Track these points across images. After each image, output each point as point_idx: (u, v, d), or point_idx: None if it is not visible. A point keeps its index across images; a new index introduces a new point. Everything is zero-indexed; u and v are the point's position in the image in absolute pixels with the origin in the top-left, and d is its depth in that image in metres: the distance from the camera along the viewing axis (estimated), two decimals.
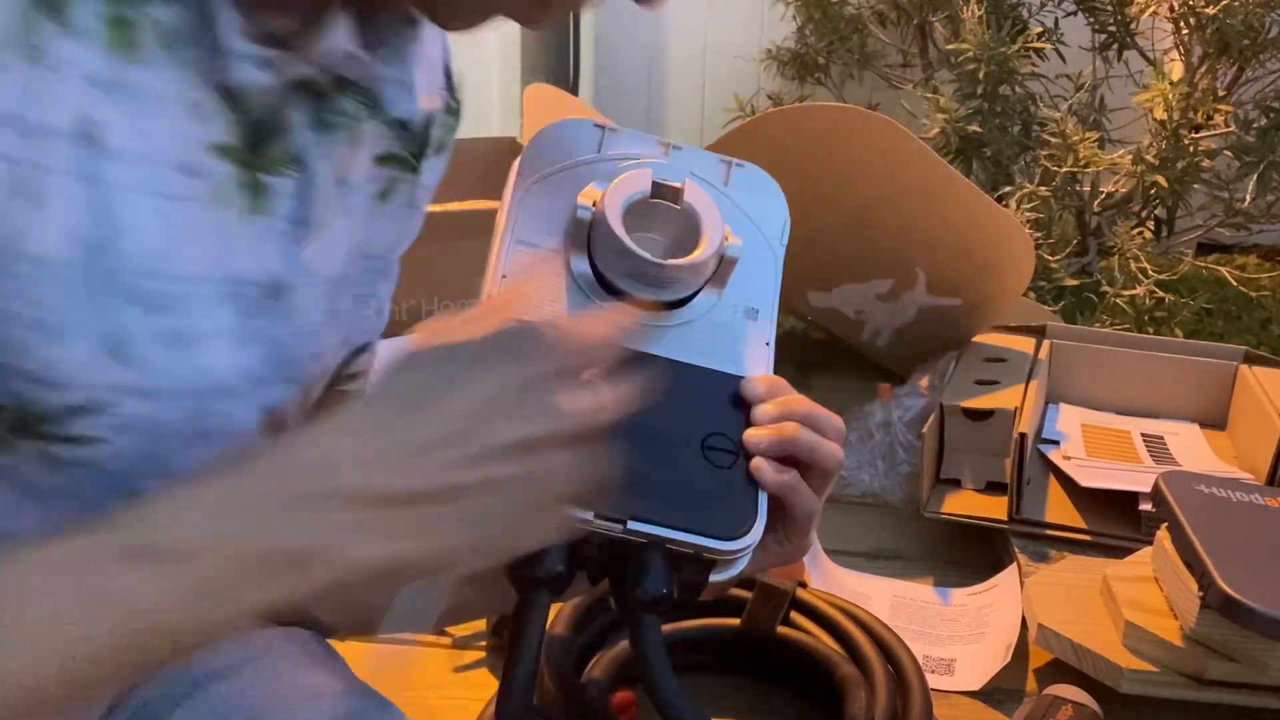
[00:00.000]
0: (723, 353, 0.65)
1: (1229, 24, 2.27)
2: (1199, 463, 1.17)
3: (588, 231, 0.64)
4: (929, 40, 2.85)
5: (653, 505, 0.58)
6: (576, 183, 0.66)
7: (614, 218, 0.63)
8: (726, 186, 0.69)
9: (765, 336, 0.66)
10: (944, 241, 1.30)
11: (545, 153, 0.68)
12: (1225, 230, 2.55)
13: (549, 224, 0.66)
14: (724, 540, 0.59)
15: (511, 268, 0.65)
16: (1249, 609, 0.76)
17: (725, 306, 0.66)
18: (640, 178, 0.65)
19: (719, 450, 0.61)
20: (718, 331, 0.65)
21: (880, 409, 1.23)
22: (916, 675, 0.80)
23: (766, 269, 0.68)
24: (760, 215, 0.69)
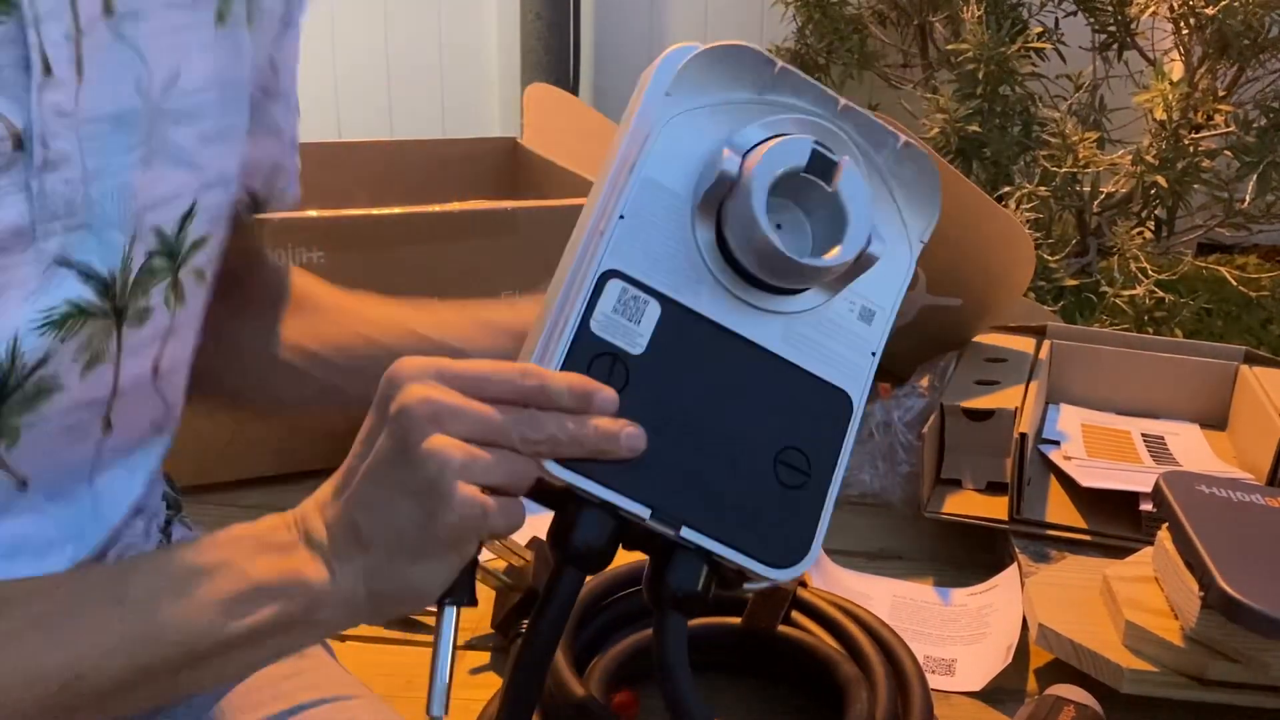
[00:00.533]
0: (825, 355, 0.60)
1: (1229, 24, 2.27)
2: (1199, 463, 1.17)
3: (725, 191, 0.57)
4: (929, 40, 2.85)
5: (709, 515, 0.56)
6: (728, 124, 0.59)
7: (759, 194, 0.56)
8: (885, 169, 0.62)
9: (873, 345, 0.61)
10: (944, 241, 1.29)
11: (700, 79, 0.59)
12: (1225, 230, 2.56)
13: (687, 166, 0.58)
14: (774, 568, 0.56)
15: (634, 209, 0.57)
16: (1250, 609, 0.76)
17: (841, 302, 0.60)
18: (797, 146, 0.57)
19: (791, 468, 0.57)
20: (826, 330, 0.60)
21: (880, 409, 1.23)
22: (917, 675, 0.80)
23: (897, 269, 0.62)
24: (911, 208, 0.63)
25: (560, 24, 3.15)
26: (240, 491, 1.13)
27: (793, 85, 0.60)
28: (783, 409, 0.58)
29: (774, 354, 0.58)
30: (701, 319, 0.57)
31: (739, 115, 0.59)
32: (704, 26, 3.26)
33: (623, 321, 0.56)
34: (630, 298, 0.56)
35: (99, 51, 0.53)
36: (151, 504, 0.70)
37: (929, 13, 2.74)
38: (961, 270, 1.32)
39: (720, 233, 0.58)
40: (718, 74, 0.59)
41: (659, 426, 0.55)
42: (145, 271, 0.58)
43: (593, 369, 0.55)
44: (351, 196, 1.40)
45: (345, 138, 3.00)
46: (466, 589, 0.55)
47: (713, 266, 0.58)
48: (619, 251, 0.56)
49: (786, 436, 0.58)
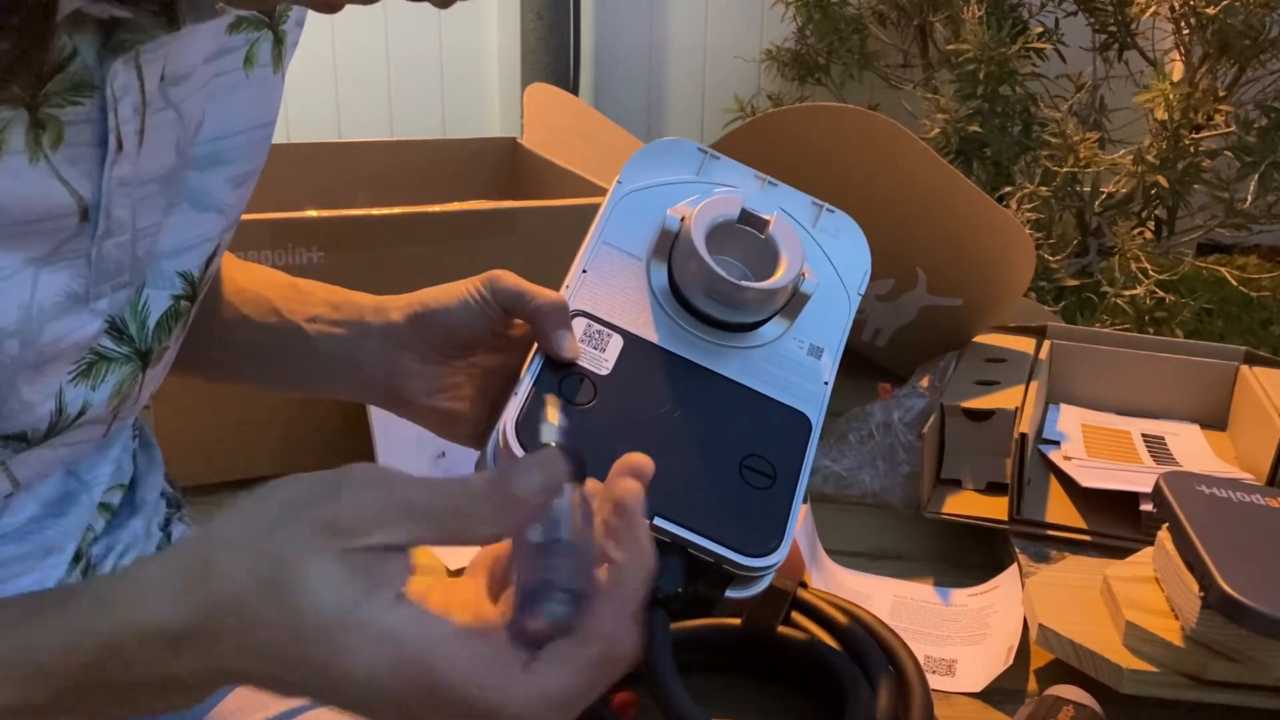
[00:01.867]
0: (781, 383, 0.66)
1: (1229, 24, 2.27)
2: (1199, 463, 1.17)
3: (671, 243, 0.67)
4: (929, 40, 2.85)
5: (682, 507, 0.59)
6: (670, 199, 0.69)
7: (698, 234, 0.66)
8: (814, 229, 0.72)
9: (825, 376, 0.68)
10: (944, 241, 1.30)
11: (649, 165, 0.72)
12: (1225, 230, 2.56)
13: (638, 232, 0.69)
14: (746, 555, 0.59)
15: (594, 265, 0.68)
16: (1250, 609, 0.76)
17: (791, 340, 0.68)
18: (731, 203, 0.68)
19: (757, 471, 0.62)
20: (780, 362, 0.67)
21: (880, 409, 1.23)
22: (917, 675, 0.80)
23: (839, 313, 0.70)
24: (842, 261, 0.72)
25: (560, 24, 3.15)
26: (240, 492, 1.13)
27: (725, 168, 0.72)
28: (745, 423, 0.64)
29: (733, 380, 0.65)
30: (661, 349, 0.65)
31: (680, 192, 0.70)
32: (704, 27, 3.26)
33: (589, 349, 0.64)
34: (595, 330, 0.65)
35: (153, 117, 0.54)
36: (151, 500, 0.70)
37: (929, 13, 2.74)
38: (961, 270, 1.32)
39: (673, 282, 0.67)
40: (660, 161, 0.72)
41: (628, 434, 0.61)
42: (171, 315, 0.60)
43: (564, 385, 0.62)
44: (351, 196, 1.40)
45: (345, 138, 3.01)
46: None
47: (671, 312, 0.67)
48: (584, 297, 0.66)
49: (750, 445, 0.63)
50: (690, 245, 0.65)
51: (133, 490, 0.69)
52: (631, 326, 0.66)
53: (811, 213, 0.73)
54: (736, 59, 3.14)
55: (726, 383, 0.65)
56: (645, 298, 0.67)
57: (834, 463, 1.18)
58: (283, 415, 1.15)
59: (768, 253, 0.67)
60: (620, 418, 0.62)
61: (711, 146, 0.74)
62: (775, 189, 0.72)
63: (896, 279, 1.34)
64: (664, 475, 0.58)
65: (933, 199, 1.25)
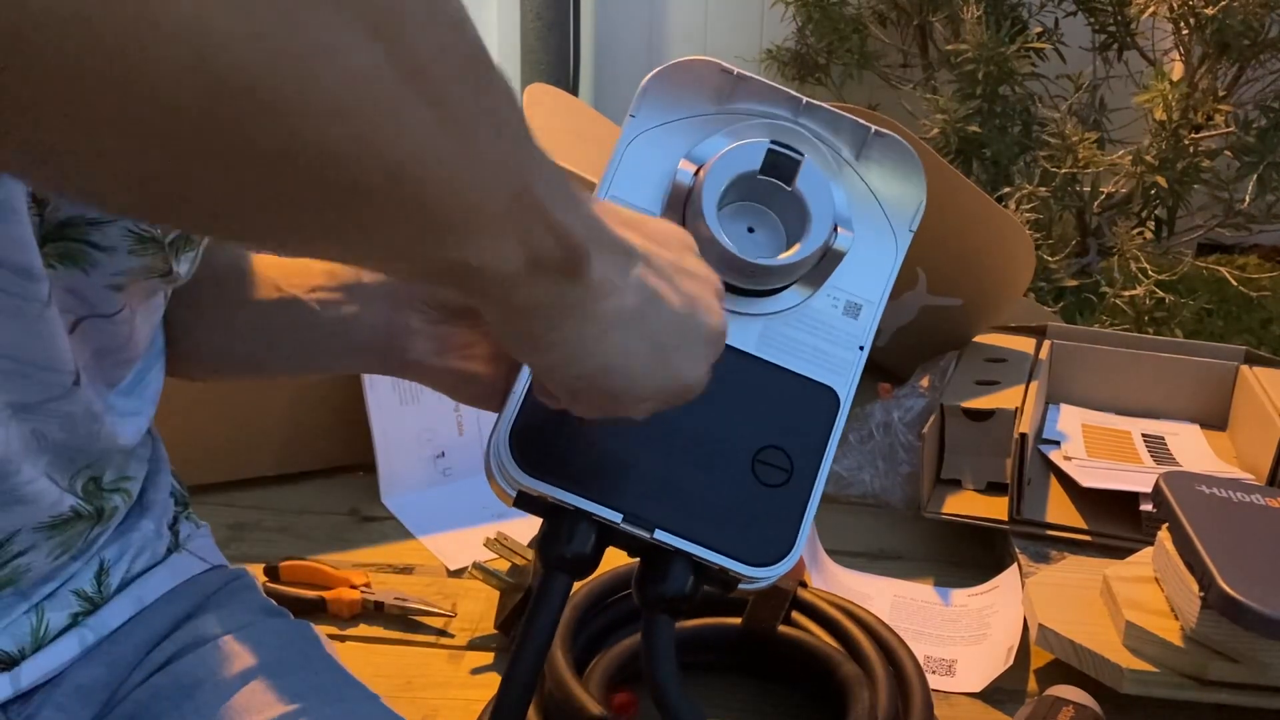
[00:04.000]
0: (808, 353, 0.60)
1: (1229, 24, 2.27)
2: (1199, 463, 1.17)
3: (685, 200, 0.59)
4: (929, 40, 2.85)
5: (683, 517, 0.56)
6: (690, 137, 0.60)
7: (710, 199, 0.58)
8: (858, 160, 0.61)
9: (860, 339, 0.60)
10: (944, 241, 1.30)
11: (663, 98, 0.60)
12: (1225, 230, 2.56)
13: (651, 182, 0.60)
14: (753, 567, 0.56)
15: None
16: (1250, 609, 0.76)
17: (824, 297, 0.60)
18: (752, 150, 0.58)
19: (772, 466, 0.58)
20: (808, 327, 0.60)
21: (880, 409, 1.23)
22: (917, 675, 0.80)
23: (883, 259, 0.62)
24: (891, 197, 0.62)
25: (560, 24, 3.15)
26: (240, 492, 1.14)
27: (753, 91, 0.61)
28: (762, 409, 0.58)
29: (752, 355, 0.59)
30: None
31: (701, 128, 0.60)
32: (704, 27, 3.26)
33: None
34: None
35: None
36: (160, 499, 0.70)
37: (929, 13, 2.74)
38: (961, 270, 1.32)
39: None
40: (677, 91, 0.60)
41: (633, 434, 0.56)
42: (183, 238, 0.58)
43: None
44: None
45: None
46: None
47: None
48: None
49: (766, 436, 0.58)
50: (700, 215, 0.57)
51: (144, 491, 0.69)
52: None
53: (855, 140, 0.61)
54: (736, 59, 3.14)
55: (745, 360, 0.58)
56: None
57: (834, 463, 1.18)
58: (283, 415, 1.15)
59: (795, 206, 0.59)
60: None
61: None
62: (813, 113, 0.61)
63: (897, 279, 1.34)
64: (667, 481, 0.56)
65: (933, 199, 1.25)
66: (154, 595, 0.68)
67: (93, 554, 0.64)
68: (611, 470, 0.56)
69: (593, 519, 0.56)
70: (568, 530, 0.56)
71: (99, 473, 0.62)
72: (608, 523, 0.56)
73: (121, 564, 0.66)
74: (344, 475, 1.16)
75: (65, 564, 0.62)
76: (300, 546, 1.04)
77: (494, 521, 1.06)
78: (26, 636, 0.60)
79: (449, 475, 1.15)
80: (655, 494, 0.56)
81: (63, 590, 0.62)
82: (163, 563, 0.69)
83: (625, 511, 0.55)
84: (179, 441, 1.12)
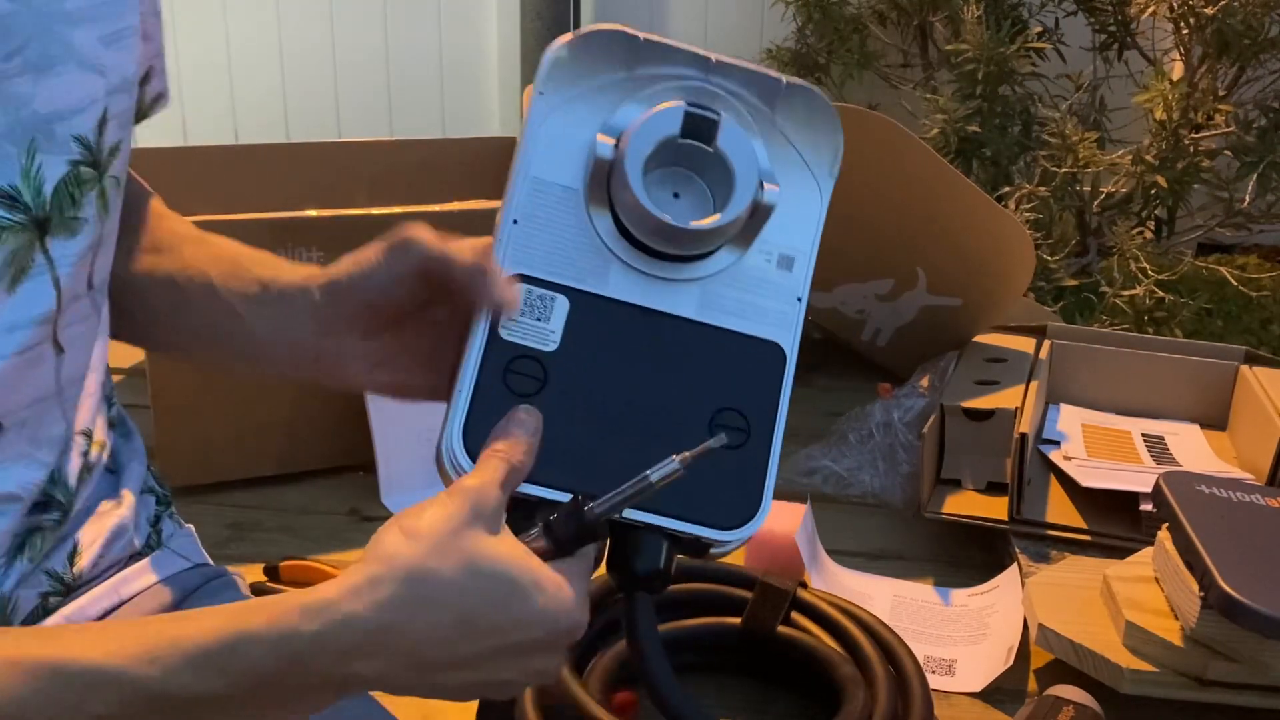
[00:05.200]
0: (747, 310, 0.60)
1: (1229, 24, 2.27)
2: (1199, 463, 1.17)
3: (608, 174, 0.59)
4: (929, 40, 2.85)
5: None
6: (603, 107, 0.59)
7: (634, 168, 0.57)
8: (775, 113, 0.61)
9: (797, 290, 0.61)
10: (944, 241, 1.30)
11: (569, 70, 0.59)
12: (1225, 230, 2.56)
13: (570, 158, 0.59)
14: (723, 530, 0.56)
15: (525, 210, 0.59)
16: (1250, 609, 0.76)
17: (756, 255, 0.60)
18: (670, 115, 0.58)
19: (729, 428, 0.57)
20: (745, 285, 0.60)
21: (880, 409, 1.23)
22: (917, 675, 0.80)
23: (809, 209, 0.62)
24: (809, 145, 0.62)
25: (560, 25, 3.15)
26: (240, 492, 1.14)
27: (662, 54, 0.60)
28: (711, 373, 0.59)
29: (694, 321, 0.59)
30: (612, 302, 0.58)
31: (614, 96, 0.60)
32: (704, 27, 3.26)
33: (531, 323, 0.57)
34: (535, 298, 0.58)
35: None
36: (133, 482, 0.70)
37: (929, 13, 2.74)
38: (961, 270, 1.32)
39: (616, 215, 0.59)
40: (585, 61, 0.60)
41: (585, 415, 0.56)
42: (73, 182, 0.58)
43: (509, 375, 0.57)
44: (351, 196, 1.40)
45: (345, 137, 3.00)
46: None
47: (616, 250, 0.59)
48: (517, 256, 0.58)
49: (719, 399, 0.58)
50: (626, 186, 0.57)
51: (115, 473, 0.70)
52: (576, 280, 0.58)
53: (768, 93, 0.61)
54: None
55: (687, 326, 0.59)
56: (587, 240, 0.59)
57: (834, 463, 1.18)
58: (283, 416, 1.15)
59: (718, 166, 0.59)
60: (574, 398, 0.57)
61: None
62: (723, 71, 0.60)
63: (896, 279, 1.34)
64: (627, 458, 0.55)
65: (933, 199, 1.25)
66: (133, 590, 0.68)
67: (65, 533, 0.64)
68: (569, 455, 0.56)
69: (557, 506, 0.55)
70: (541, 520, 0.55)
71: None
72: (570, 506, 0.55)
73: (95, 548, 0.65)
74: (344, 475, 1.16)
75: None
76: (300, 546, 1.04)
77: None
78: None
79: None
80: (616, 473, 0.55)
81: (36, 571, 0.62)
82: (143, 559, 0.70)
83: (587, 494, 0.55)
84: (180, 441, 1.12)
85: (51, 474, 0.61)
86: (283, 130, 3.29)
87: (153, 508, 0.73)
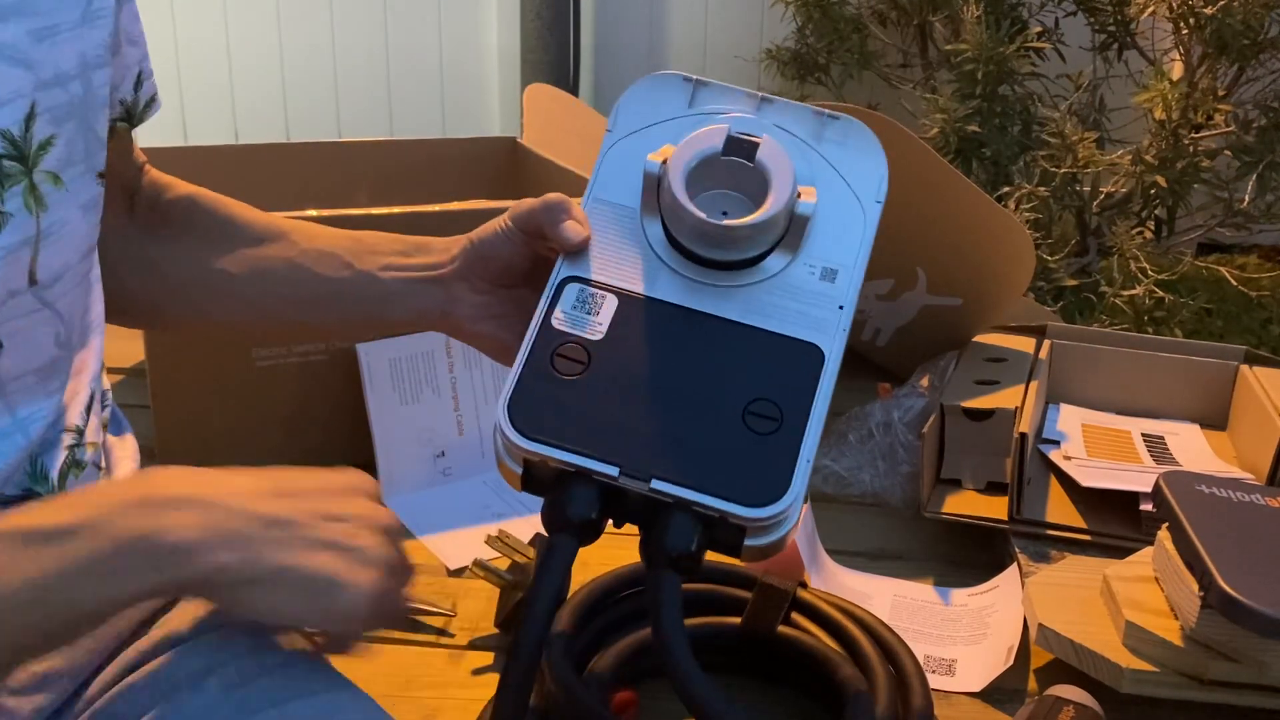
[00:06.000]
0: (789, 315, 0.63)
1: (1228, 24, 2.27)
2: (1199, 463, 1.17)
3: (656, 187, 0.65)
4: (929, 40, 2.85)
5: (679, 465, 0.59)
6: (661, 139, 0.67)
7: (676, 175, 0.63)
8: (818, 142, 0.68)
9: (840, 300, 0.64)
10: (944, 241, 1.30)
11: (635, 109, 0.69)
12: (1225, 230, 2.56)
13: (629, 182, 0.67)
14: (749, 507, 0.58)
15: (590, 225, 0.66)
16: (1250, 609, 0.76)
17: (800, 267, 0.65)
18: (714, 134, 0.65)
19: (762, 417, 0.60)
20: (789, 293, 0.64)
21: (880, 409, 1.23)
22: (917, 675, 0.80)
23: (853, 228, 0.67)
24: (853, 170, 0.68)
25: (560, 24, 3.15)
26: None
27: (715, 93, 0.69)
28: (749, 367, 0.62)
29: (736, 322, 0.63)
30: (658, 302, 0.64)
31: (672, 130, 0.67)
32: (704, 27, 3.26)
33: (581, 315, 0.63)
34: (588, 295, 0.64)
35: None
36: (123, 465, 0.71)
37: (929, 13, 2.74)
38: (961, 270, 1.32)
39: (667, 228, 0.65)
40: (647, 101, 0.69)
41: (625, 396, 0.60)
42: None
43: (556, 358, 0.62)
44: (351, 196, 1.40)
45: (345, 137, 3.00)
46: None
47: (667, 259, 0.65)
48: (576, 262, 0.65)
49: (755, 389, 0.61)
50: (668, 188, 0.63)
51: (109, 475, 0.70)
52: (625, 283, 0.64)
53: (813, 125, 0.68)
54: (736, 59, 3.13)
55: (728, 326, 0.63)
56: (640, 250, 0.65)
57: (834, 462, 1.18)
58: (283, 416, 1.15)
59: (759, 180, 0.64)
60: (616, 381, 0.61)
61: None
62: (771, 106, 0.68)
63: (896, 279, 1.34)
64: (661, 434, 0.59)
65: (933, 199, 1.25)
66: None
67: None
68: (607, 430, 0.60)
69: (594, 478, 0.59)
70: (570, 492, 0.59)
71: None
72: (606, 478, 0.59)
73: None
74: None
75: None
76: None
77: (494, 521, 1.06)
78: None
79: (449, 475, 1.15)
80: (650, 448, 0.59)
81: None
82: None
83: (621, 465, 0.58)
84: (179, 438, 1.12)
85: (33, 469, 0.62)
86: (283, 130, 3.29)
87: None
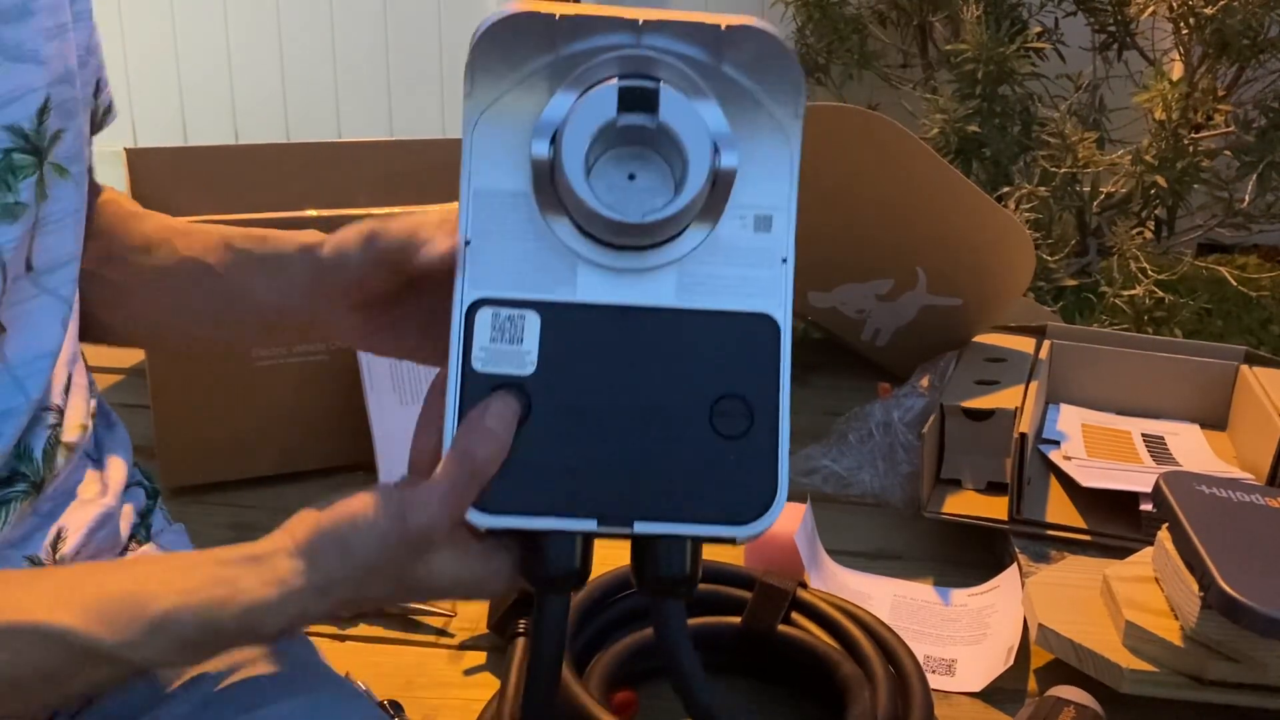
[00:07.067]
0: (730, 285, 0.55)
1: (1229, 24, 2.27)
2: (1199, 463, 1.17)
3: (549, 174, 0.54)
4: (929, 40, 2.85)
5: (658, 499, 0.53)
6: (533, 100, 0.54)
7: (573, 165, 0.52)
8: (721, 62, 0.54)
9: (781, 251, 0.55)
10: (944, 241, 1.30)
11: (492, 67, 0.54)
12: (1225, 230, 2.56)
13: (511, 161, 0.55)
14: (743, 525, 0.54)
15: (477, 229, 0.55)
16: (1249, 609, 0.76)
17: (729, 221, 0.55)
18: (602, 97, 0.53)
19: (729, 416, 0.54)
20: (724, 257, 0.55)
21: (880, 409, 1.23)
22: (917, 675, 0.80)
23: (779, 160, 0.56)
24: (767, 90, 0.55)
25: None
26: (240, 491, 1.13)
27: (586, 27, 0.54)
28: (703, 361, 0.54)
29: (674, 309, 0.55)
30: (584, 308, 0.54)
31: (542, 84, 0.54)
32: None
33: (503, 347, 0.54)
34: (505, 320, 0.54)
35: None
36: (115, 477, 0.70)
37: (929, 13, 2.74)
38: (961, 270, 1.32)
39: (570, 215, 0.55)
40: (504, 53, 0.54)
41: (578, 433, 0.53)
42: (5, 168, 0.59)
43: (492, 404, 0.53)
44: (351, 196, 1.40)
45: (345, 138, 3.00)
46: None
47: (580, 250, 0.54)
48: (477, 278, 0.54)
49: (716, 387, 0.54)
50: (569, 187, 0.52)
51: (98, 462, 0.70)
52: (542, 291, 0.54)
53: (711, 41, 0.54)
54: None
55: (668, 316, 0.54)
56: (547, 243, 0.54)
57: (834, 463, 1.18)
58: (283, 416, 1.15)
59: (667, 138, 0.53)
60: (563, 418, 0.53)
61: None
62: (656, 31, 0.54)
63: (896, 279, 1.34)
64: (630, 466, 0.53)
65: (933, 199, 1.25)
66: None
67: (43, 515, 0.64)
68: (571, 479, 0.53)
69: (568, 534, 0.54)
70: (547, 552, 0.54)
71: None
72: (586, 533, 0.54)
73: (78, 534, 0.65)
74: (344, 475, 1.16)
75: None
76: None
77: None
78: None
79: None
80: (622, 487, 0.53)
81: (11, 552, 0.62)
82: (130, 552, 0.70)
83: (598, 515, 0.53)
84: (180, 441, 1.12)
85: (16, 448, 0.62)
86: (283, 130, 3.29)
87: (142, 500, 0.73)
